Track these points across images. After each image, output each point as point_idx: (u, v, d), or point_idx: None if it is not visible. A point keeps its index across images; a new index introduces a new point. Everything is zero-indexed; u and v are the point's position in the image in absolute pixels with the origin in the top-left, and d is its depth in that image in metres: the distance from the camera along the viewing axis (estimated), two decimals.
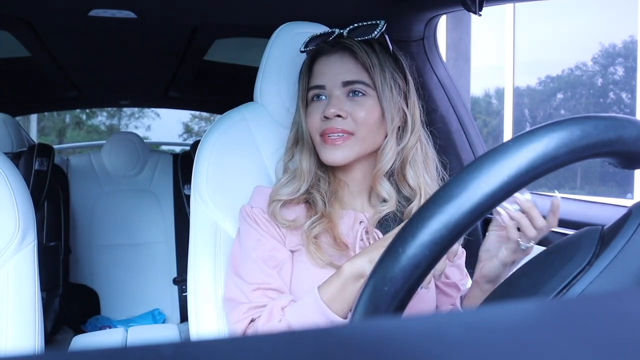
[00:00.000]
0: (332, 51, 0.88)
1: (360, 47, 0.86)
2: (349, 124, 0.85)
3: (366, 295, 0.37)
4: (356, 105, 0.86)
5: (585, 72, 5.22)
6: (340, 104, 0.85)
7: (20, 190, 0.90)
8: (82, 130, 12.53)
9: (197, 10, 1.47)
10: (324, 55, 0.89)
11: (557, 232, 1.09)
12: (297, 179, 0.89)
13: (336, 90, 0.86)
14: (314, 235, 0.85)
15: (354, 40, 0.87)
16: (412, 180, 0.89)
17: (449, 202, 0.35)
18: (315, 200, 0.88)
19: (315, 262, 0.85)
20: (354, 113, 0.85)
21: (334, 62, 0.87)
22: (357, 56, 0.86)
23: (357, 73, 0.86)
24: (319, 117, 0.87)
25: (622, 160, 0.40)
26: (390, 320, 0.22)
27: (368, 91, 0.86)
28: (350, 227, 0.89)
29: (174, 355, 0.18)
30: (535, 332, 0.19)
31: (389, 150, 0.88)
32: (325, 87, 0.87)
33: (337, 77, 0.86)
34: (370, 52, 0.86)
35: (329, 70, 0.87)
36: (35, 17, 1.51)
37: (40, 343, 0.89)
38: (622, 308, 0.22)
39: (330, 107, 0.85)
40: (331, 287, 0.77)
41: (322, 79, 0.88)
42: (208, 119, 11.36)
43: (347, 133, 0.85)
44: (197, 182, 0.98)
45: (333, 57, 0.88)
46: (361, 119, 0.85)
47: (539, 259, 0.50)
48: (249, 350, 0.18)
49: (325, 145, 0.86)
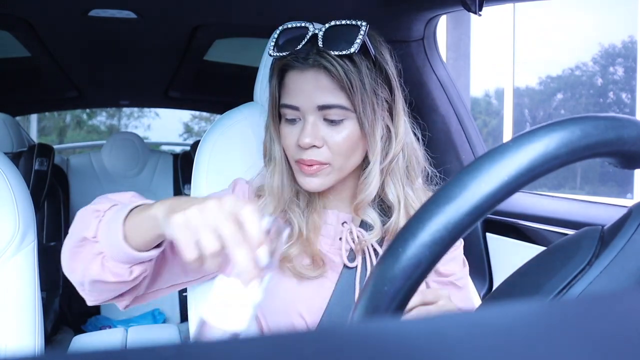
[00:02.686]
0: (305, 68, 0.76)
1: (337, 65, 0.75)
2: (324, 154, 0.78)
3: (366, 295, 0.37)
4: (333, 132, 0.78)
5: (585, 72, 5.22)
6: (316, 130, 0.77)
7: (20, 190, 0.90)
8: (82, 130, 12.53)
9: (197, 10, 1.47)
10: (296, 70, 0.77)
11: (557, 232, 1.09)
12: (268, 204, 0.83)
13: (311, 115, 0.77)
14: (291, 258, 0.81)
15: (331, 56, 0.75)
16: (392, 194, 0.83)
17: (449, 202, 0.35)
18: (291, 222, 0.82)
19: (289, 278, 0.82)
20: (330, 140, 0.78)
21: (308, 82, 0.76)
22: (333, 75, 0.75)
23: (335, 95, 0.76)
24: (293, 142, 0.79)
25: (622, 160, 0.40)
26: (391, 320, 0.22)
27: (347, 115, 0.78)
28: (334, 229, 0.86)
29: (175, 356, 0.18)
30: (535, 332, 0.19)
31: (373, 178, 0.81)
32: (299, 109, 0.78)
33: (312, 99, 0.76)
34: (349, 70, 0.75)
35: (303, 91, 0.77)
36: (35, 17, 1.51)
37: (40, 343, 0.89)
38: (622, 308, 0.22)
39: (304, 136, 0.77)
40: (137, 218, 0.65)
41: (296, 100, 0.78)
42: (208, 119, 11.36)
43: (322, 164, 0.78)
44: (197, 182, 0.98)
45: (307, 74, 0.76)
46: (337, 148, 0.78)
47: (539, 259, 0.50)
48: (249, 350, 0.18)
49: (301, 172, 0.80)
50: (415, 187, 0.86)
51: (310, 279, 0.81)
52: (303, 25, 0.78)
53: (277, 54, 0.79)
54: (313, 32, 0.77)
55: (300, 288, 0.82)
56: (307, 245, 0.82)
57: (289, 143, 0.80)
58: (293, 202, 0.84)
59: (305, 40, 0.77)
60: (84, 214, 0.72)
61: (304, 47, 0.77)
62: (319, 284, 0.82)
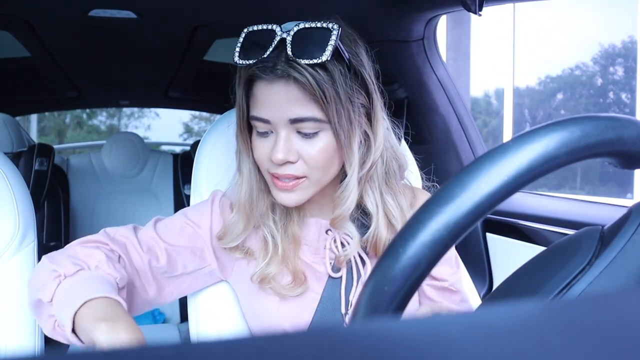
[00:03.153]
0: (274, 79, 0.70)
1: (308, 75, 0.69)
2: (299, 168, 0.73)
3: (366, 295, 0.37)
4: (307, 145, 0.73)
5: (585, 72, 5.22)
6: (290, 145, 0.72)
7: (20, 190, 0.90)
8: (82, 130, 12.53)
9: (197, 10, 1.47)
10: (264, 80, 0.71)
11: (557, 232, 1.09)
12: (239, 222, 0.78)
13: (283, 129, 0.72)
14: (271, 277, 0.78)
15: (301, 66, 0.69)
16: (371, 203, 0.79)
17: (449, 202, 0.35)
18: (266, 239, 0.79)
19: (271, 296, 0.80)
20: (304, 153, 0.73)
21: (278, 93, 0.71)
22: (305, 86, 0.69)
23: (307, 107, 0.71)
24: (266, 155, 0.74)
25: (622, 160, 0.40)
26: (391, 320, 0.22)
27: (322, 126, 0.72)
28: (317, 238, 0.82)
29: (175, 356, 0.18)
30: (535, 332, 0.19)
31: (350, 192, 0.76)
32: (270, 122, 0.72)
33: (283, 112, 0.71)
34: (322, 79, 0.69)
35: (273, 103, 0.71)
36: (35, 17, 1.51)
37: (40, 343, 0.89)
38: (622, 308, 0.22)
39: (277, 151, 0.72)
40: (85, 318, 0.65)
41: (266, 112, 0.72)
42: (208, 119, 11.35)
43: (298, 178, 0.74)
44: (197, 182, 0.98)
45: (276, 85, 0.70)
46: (314, 161, 0.73)
47: (539, 259, 0.50)
48: (249, 350, 0.18)
49: (276, 187, 0.75)
50: (396, 192, 0.81)
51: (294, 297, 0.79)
52: (269, 28, 0.71)
53: (243, 62, 0.72)
54: (281, 37, 0.70)
55: (283, 305, 0.79)
56: (287, 260, 0.78)
57: (261, 156, 0.75)
58: (267, 216, 0.79)
59: (273, 47, 0.70)
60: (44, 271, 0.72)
61: (271, 55, 0.70)
62: (302, 298, 0.80)
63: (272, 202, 0.80)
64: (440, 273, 0.85)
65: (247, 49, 0.73)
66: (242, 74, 0.74)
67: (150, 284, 0.80)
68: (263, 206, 0.79)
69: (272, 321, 0.80)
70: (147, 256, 0.79)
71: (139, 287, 0.80)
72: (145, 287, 0.80)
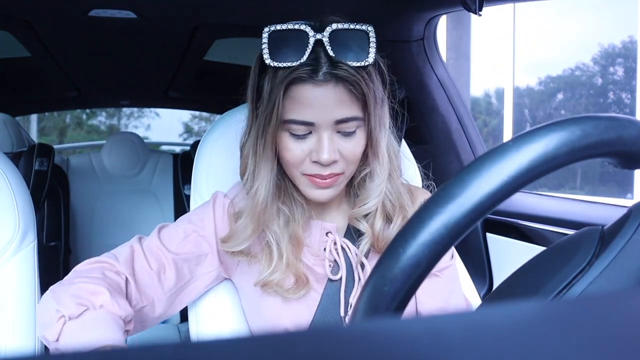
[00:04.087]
0: (322, 81, 0.70)
1: (356, 77, 0.70)
2: (340, 165, 0.75)
3: (366, 295, 0.37)
4: (347, 143, 0.74)
5: (585, 72, 5.22)
6: (333, 144, 0.73)
7: (20, 190, 0.90)
8: (82, 130, 12.53)
9: (197, 10, 1.47)
10: (309, 83, 0.70)
11: (557, 232, 1.09)
12: (248, 227, 0.78)
13: (326, 129, 0.72)
14: (274, 283, 0.78)
15: (347, 67, 0.70)
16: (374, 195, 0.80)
17: (449, 202, 0.35)
18: (270, 244, 0.79)
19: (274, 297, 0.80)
20: (345, 152, 0.75)
21: (325, 96, 0.71)
22: (354, 89, 0.71)
23: (351, 107, 0.72)
24: (303, 156, 0.75)
25: (622, 160, 0.40)
26: (391, 320, 0.22)
27: (359, 124, 0.75)
28: (317, 240, 0.83)
29: (174, 356, 0.18)
30: (535, 332, 0.19)
31: (381, 183, 0.78)
32: (314, 124, 0.72)
33: (329, 114, 0.71)
34: (367, 80, 0.72)
35: (320, 105, 0.71)
36: (35, 17, 1.51)
37: (40, 343, 0.89)
38: (622, 308, 0.22)
39: (324, 152, 0.72)
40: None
41: (311, 115, 0.71)
42: (208, 119, 11.35)
43: (338, 175, 0.76)
44: (197, 182, 0.98)
45: (323, 88, 0.70)
46: (352, 158, 0.76)
47: (539, 259, 0.50)
48: (249, 350, 0.18)
49: (314, 186, 0.76)
50: (398, 188, 0.82)
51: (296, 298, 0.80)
52: (297, 28, 0.71)
53: (277, 64, 0.71)
54: (316, 38, 0.70)
55: (285, 305, 0.80)
56: (290, 265, 0.79)
57: (296, 158, 0.75)
58: (273, 221, 0.79)
59: (310, 48, 0.70)
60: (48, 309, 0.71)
61: (311, 57, 0.70)
62: (304, 298, 0.80)
63: (277, 208, 0.79)
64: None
65: (276, 49, 0.71)
66: (278, 77, 0.71)
67: (160, 299, 0.80)
68: (271, 211, 0.78)
69: (273, 321, 0.80)
70: (155, 273, 0.79)
71: (148, 307, 0.79)
72: (154, 305, 0.80)
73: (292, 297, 0.79)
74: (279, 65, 0.70)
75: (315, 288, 0.81)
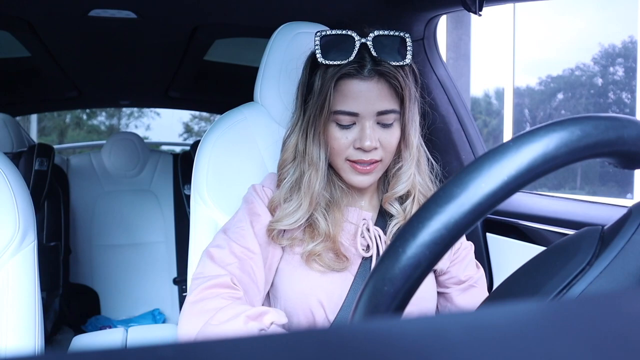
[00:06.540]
0: (366, 77, 0.83)
1: (396, 74, 0.82)
2: (379, 153, 0.86)
3: (366, 295, 0.37)
4: (386, 134, 0.86)
5: (585, 72, 5.22)
6: (375, 134, 0.84)
7: (20, 190, 0.90)
8: (82, 130, 12.53)
9: (197, 10, 1.47)
10: (356, 78, 0.83)
11: (557, 232, 1.09)
12: (302, 206, 0.86)
13: (369, 119, 0.84)
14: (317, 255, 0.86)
15: (390, 66, 0.82)
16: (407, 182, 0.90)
17: (449, 202, 0.35)
18: (317, 223, 0.87)
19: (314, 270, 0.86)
20: (384, 141, 0.85)
21: (371, 90, 0.83)
22: (394, 84, 0.83)
23: (391, 101, 0.84)
24: (346, 145, 0.86)
25: (622, 160, 0.40)
26: (391, 320, 0.22)
27: (397, 117, 0.86)
28: (354, 226, 0.91)
29: (174, 356, 0.18)
30: (535, 332, 0.19)
31: (406, 173, 0.89)
32: (359, 115, 0.84)
33: (373, 105, 0.83)
34: (405, 78, 0.84)
35: (365, 98, 0.83)
36: (35, 17, 1.51)
37: (40, 343, 0.89)
38: (622, 308, 0.22)
39: (366, 139, 0.83)
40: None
41: (357, 106, 0.83)
42: (208, 119, 11.36)
43: (377, 162, 0.86)
44: (197, 182, 0.98)
45: (368, 82, 0.83)
46: (390, 147, 0.86)
47: (539, 259, 0.50)
48: (249, 350, 0.18)
49: (355, 172, 0.87)
50: (424, 173, 0.93)
51: (335, 272, 0.86)
52: (345, 33, 0.83)
53: (331, 62, 0.83)
54: (361, 42, 0.82)
55: (323, 278, 0.86)
56: (331, 242, 0.87)
57: (341, 146, 0.86)
58: (319, 204, 0.88)
59: (357, 50, 0.82)
60: (192, 310, 0.77)
61: (357, 57, 0.82)
62: (340, 276, 0.87)
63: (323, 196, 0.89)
64: (466, 275, 0.95)
65: (327, 51, 0.84)
66: (329, 73, 0.83)
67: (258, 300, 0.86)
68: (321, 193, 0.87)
69: (309, 291, 0.85)
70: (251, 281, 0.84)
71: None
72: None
73: (334, 267, 0.85)
74: (330, 63, 0.83)
75: (351, 269, 0.88)
